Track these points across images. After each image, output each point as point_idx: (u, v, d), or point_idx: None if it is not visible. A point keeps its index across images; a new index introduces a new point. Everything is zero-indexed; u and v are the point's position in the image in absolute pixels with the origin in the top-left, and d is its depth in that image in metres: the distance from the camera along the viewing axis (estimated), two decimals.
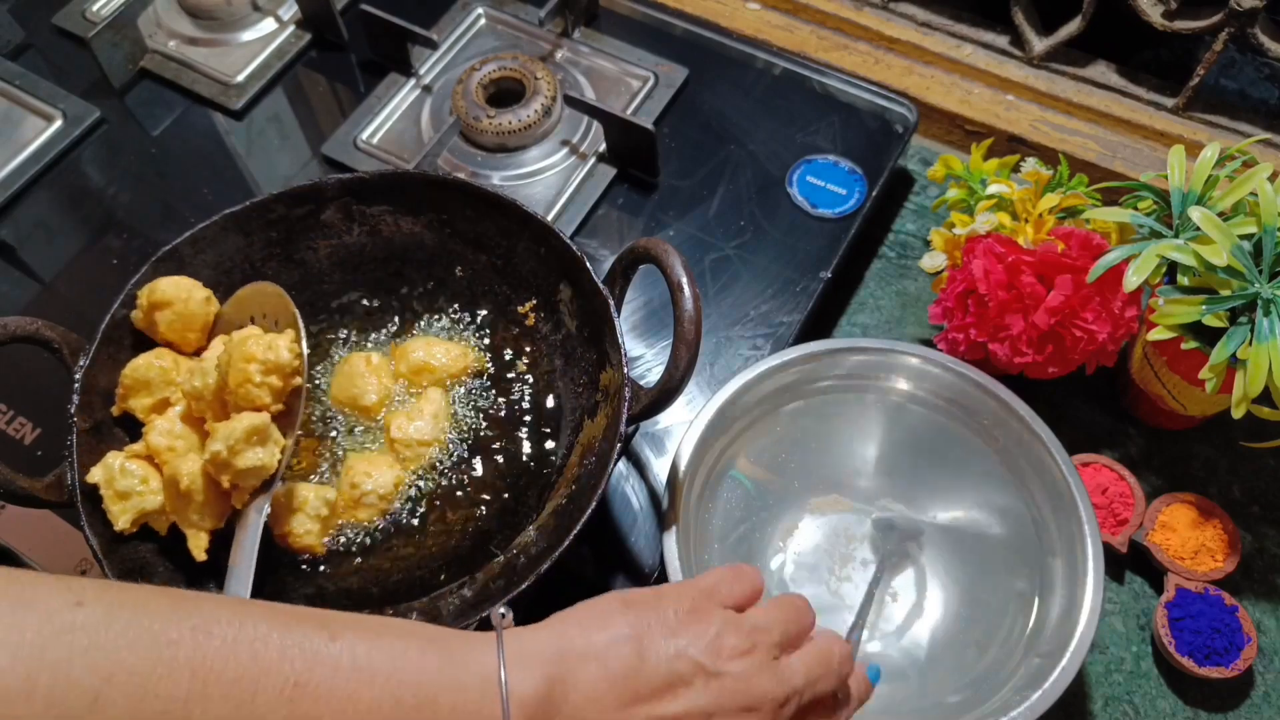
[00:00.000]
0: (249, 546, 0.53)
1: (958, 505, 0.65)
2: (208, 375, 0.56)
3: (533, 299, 0.65)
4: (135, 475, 0.55)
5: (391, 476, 0.59)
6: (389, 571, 0.58)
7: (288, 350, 0.55)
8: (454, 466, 0.61)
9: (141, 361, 0.58)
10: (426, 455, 0.61)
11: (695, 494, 0.61)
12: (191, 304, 0.60)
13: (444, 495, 0.60)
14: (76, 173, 0.81)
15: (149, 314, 0.59)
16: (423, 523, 0.60)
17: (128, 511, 0.54)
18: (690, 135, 0.80)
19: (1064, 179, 0.69)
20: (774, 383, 0.64)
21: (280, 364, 0.54)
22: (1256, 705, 0.62)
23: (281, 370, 0.55)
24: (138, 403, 0.58)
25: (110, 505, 0.54)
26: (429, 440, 0.61)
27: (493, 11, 0.87)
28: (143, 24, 0.85)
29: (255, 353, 0.54)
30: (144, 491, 0.55)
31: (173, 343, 0.61)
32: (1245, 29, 0.73)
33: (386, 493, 0.59)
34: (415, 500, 0.60)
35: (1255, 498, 0.69)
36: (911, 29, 0.87)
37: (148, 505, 0.55)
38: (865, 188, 0.77)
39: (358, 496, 0.58)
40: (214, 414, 0.56)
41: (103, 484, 0.55)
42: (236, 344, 0.55)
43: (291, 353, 0.55)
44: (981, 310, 0.64)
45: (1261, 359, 0.55)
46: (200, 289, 0.61)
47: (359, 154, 0.80)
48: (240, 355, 0.54)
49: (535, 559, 0.54)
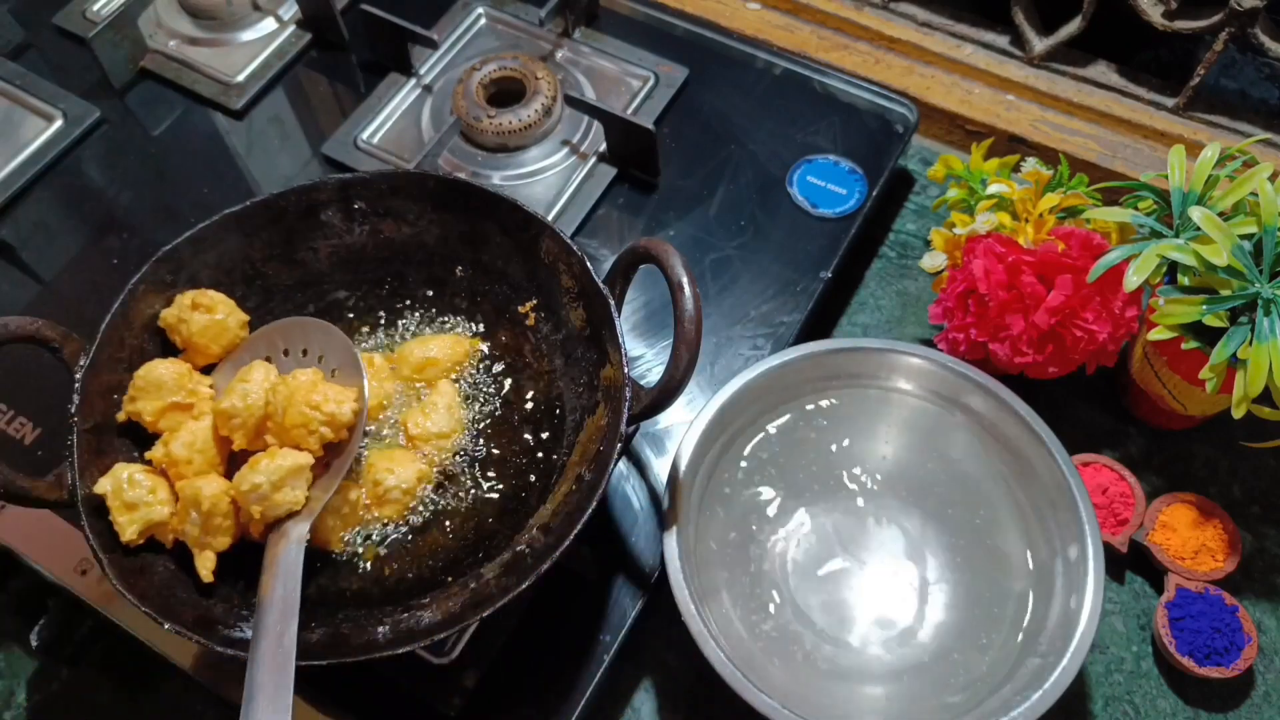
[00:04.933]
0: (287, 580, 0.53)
1: (958, 505, 0.65)
2: (250, 398, 0.56)
3: (533, 299, 0.65)
4: (143, 486, 0.55)
5: (414, 471, 0.59)
6: (390, 571, 0.58)
7: (350, 410, 0.57)
8: (457, 467, 0.61)
9: (157, 365, 0.58)
10: (449, 446, 0.61)
11: (695, 494, 0.61)
12: (231, 320, 0.61)
13: (445, 496, 0.60)
14: (77, 173, 0.81)
15: (187, 312, 0.59)
16: (424, 523, 0.60)
17: (135, 523, 0.54)
18: (690, 135, 0.80)
19: (1064, 179, 0.69)
20: (774, 383, 0.64)
21: (340, 421, 0.57)
22: (1257, 705, 0.62)
23: (337, 425, 0.57)
24: (147, 405, 0.58)
25: (117, 516, 0.54)
26: (448, 432, 0.61)
27: (493, 11, 0.87)
28: (143, 24, 0.85)
29: (320, 403, 0.56)
30: (152, 502, 0.55)
31: (192, 348, 0.61)
32: (1245, 29, 0.73)
33: (410, 487, 0.59)
34: (423, 500, 0.60)
35: (1255, 498, 0.69)
36: (912, 29, 0.87)
37: (155, 516, 0.55)
38: (866, 188, 0.77)
39: (381, 493, 0.58)
40: (246, 439, 0.57)
41: (110, 494, 0.55)
42: (301, 386, 0.56)
43: (354, 412, 0.57)
44: (982, 310, 0.64)
45: (1262, 359, 0.55)
46: (240, 312, 0.62)
47: (359, 154, 0.80)
48: (304, 399, 0.56)
49: (535, 559, 0.54)
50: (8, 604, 0.72)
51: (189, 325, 0.60)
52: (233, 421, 0.57)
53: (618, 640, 0.61)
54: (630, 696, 0.64)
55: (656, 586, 0.62)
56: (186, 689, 0.69)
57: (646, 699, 0.64)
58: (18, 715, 0.70)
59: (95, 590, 0.63)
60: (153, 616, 0.51)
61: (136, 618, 0.55)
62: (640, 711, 0.64)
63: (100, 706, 0.70)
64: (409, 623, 0.54)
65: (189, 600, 0.55)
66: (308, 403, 0.56)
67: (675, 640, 0.65)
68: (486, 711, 0.59)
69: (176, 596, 0.54)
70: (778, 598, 0.64)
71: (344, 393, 0.57)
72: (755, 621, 0.62)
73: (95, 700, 0.70)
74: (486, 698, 0.59)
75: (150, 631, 0.62)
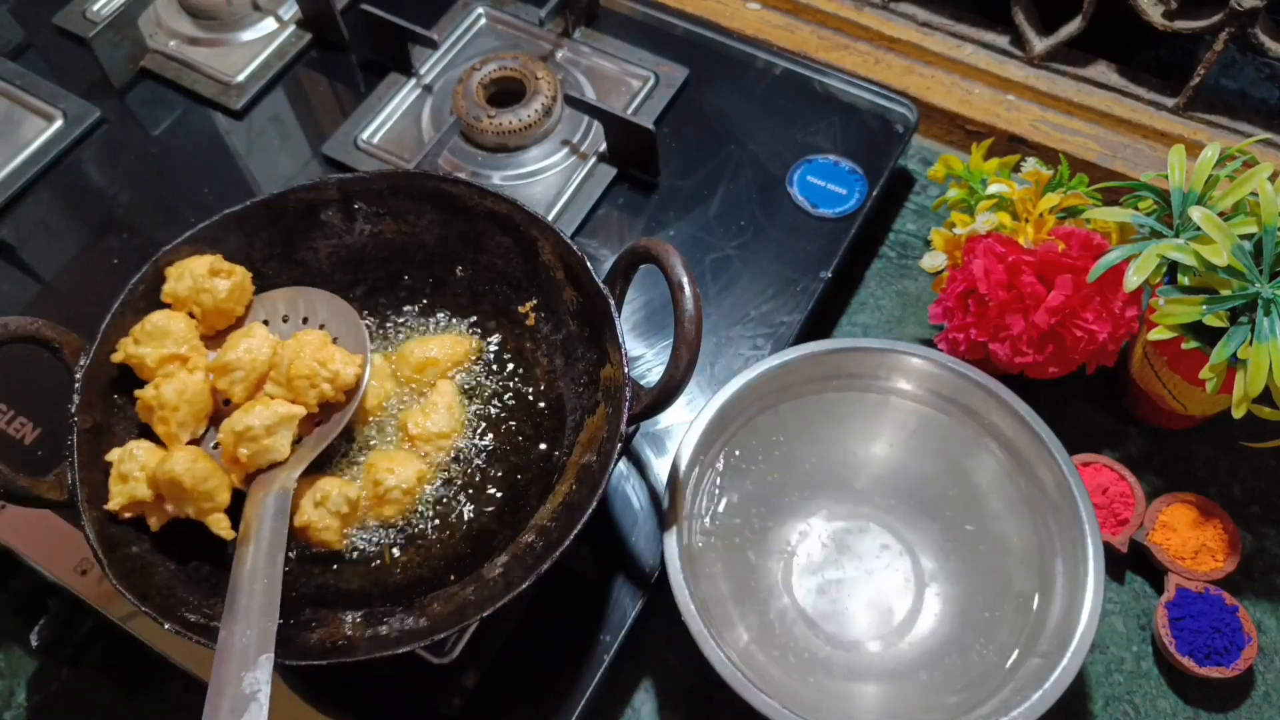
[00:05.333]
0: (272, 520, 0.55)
1: (958, 505, 0.65)
2: (253, 351, 0.58)
3: (533, 299, 0.65)
4: (137, 461, 0.56)
5: (414, 471, 0.59)
6: (391, 571, 0.58)
7: (354, 373, 0.59)
8: (457, 467, 0.61)
9: (167, 315, 0.59)
10: (449, 446, 0.61)
11: (695, 494, 0.61)
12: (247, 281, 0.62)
13: (445, 495, 0.60)
14: (77, 173, 0.81)
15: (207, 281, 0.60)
16: (424, 523, 0.60)
17: (120, 495, 0.55)
18: (691, 135, 0.80)
19: (1064, 179, 0.69)
20: (774, 383, 0.64)
21: (342, 381, 0.58)
22: (1257, 705, 0.62)
23: (339, 385, 0.58)
24: (147, 350, 0.58)
25: (112, 485, 0.56)
26: (448, 432, 0.61)
27: (493, 11, 0.87)
28: (143, 24, 0.85)
29: (326, 359, 0.58)
30: (140, 479, 0.56)
31: (212, 315, 0.61)
32: (1245, 29, 0.73)
33: (410, 487, 0.59)
34: (423, 500, 0.60)
35: (1255, 498, 0.69)
36: (912, 29, 0.87)
37: (137, 494, 0.55)
38: (866, 188, 0.77)
39: (381, 493, 0.59)
40: (246, 393, 0.58)
41: (115, 462, 0.56)
42: (310, 343, 0.58)
43: (356, 377, 0.59)
44: (982, 310, 0.64)
45: (1262, 359, 0.55)
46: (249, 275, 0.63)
47: (359, 154, 0.80)
48: (312, 354, 0.58)
49: (535, 559, 0.54)
50: (8, 604, 0.72)
51: (213, 293, 0.60)
52: (234, 375, 0.58)
53: (618, 640, 0.61)
54: (630, 696, 0.65)
55: (656, 586, 0.62)
56: (186, 689, 0.68)
57: (646, 699, 0.64)
58: (18, 715, 0.70)
59: (95, 590, 0.63)
60: (153, 616, 0.51)
61: (136, 618, 0.55)
62: (640, 711, 0.64)
63: (100, 706, 0.70)
64: (409, 622, 0.54)
65: (189, 600, 0.55)
66: (315, 358, 0.57)
67: (675, 640, 0.65)
68: (486, 711, 0.59)
69: (176, 596, 0.54)
70: (778, 597, 0.64)
71: (351, 356, 0.59)
72: (755, 621, 0.62)
73: (95, 700, 0.70)
74: (486, 698, 0.59)
75: (150, 631, 0.62)
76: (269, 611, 0.51)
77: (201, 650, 0.50)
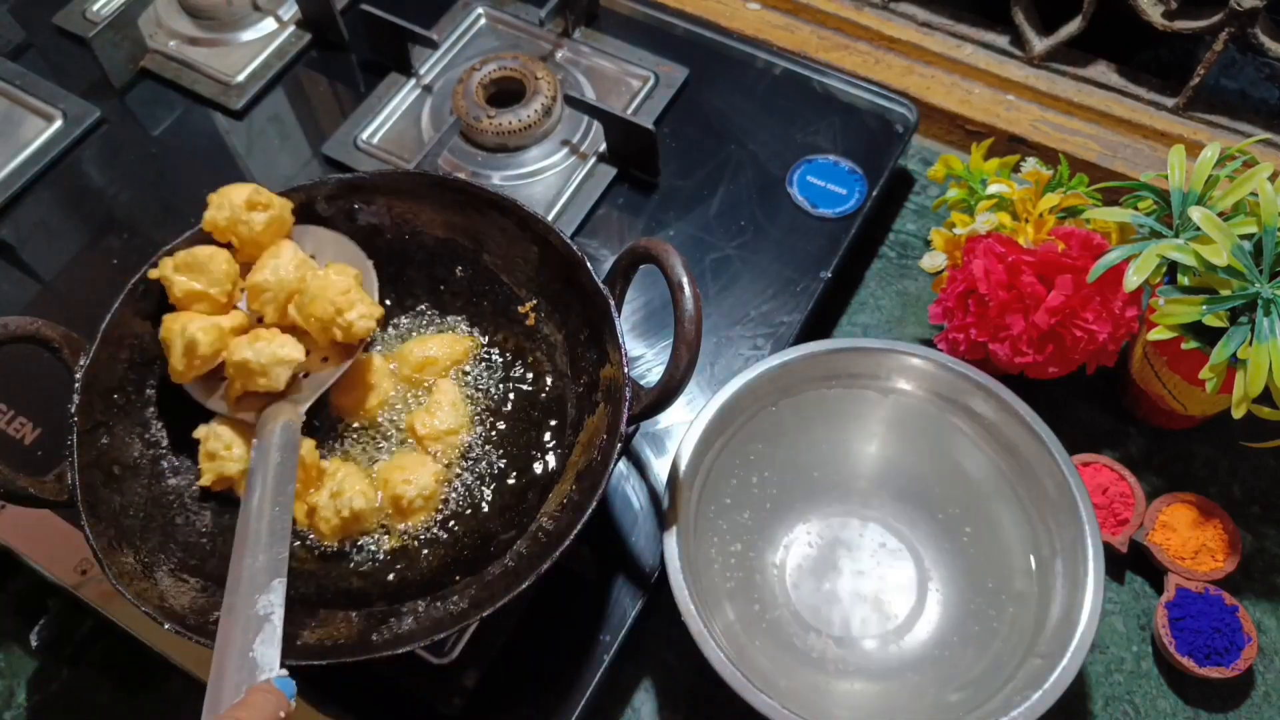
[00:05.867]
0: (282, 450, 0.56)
1: (958, 505, 0.65)
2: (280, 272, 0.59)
3: (533, 299, 0.65)
4: (222, 440, 0.58)
5: (430, 474, 0.59)
6: (390, 572, 0.58)
7: (368, 327, 0.59)
8: (464, 464, 0.61)
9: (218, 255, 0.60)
10: (457, 442, 0.61)
11: (695, 494, 0.61)
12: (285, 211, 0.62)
13: (447, 496, 0.60)
14: (77, 173, 0.81)
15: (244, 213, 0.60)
16: (426, 524, 0.60)
17: (210, 472, 0.58)
18: (690, 135, 0.80)
19: (1064, 179, 0.69)
20: (774, 383, 0.64)
21: (356, 332, 0.59)
22: (1257, 705, 0.62)
23: (352, 335, 0.59)
24: (181, 279, 0.59)
25: (202, 462, 0.58)
26: (455, 428, 0.61)
27: (493, 11, 0.87)
28: (143, 24, 0.85)
29: (345, 306, 0.58)
30: (226, 457, 0.58)
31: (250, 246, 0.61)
32: (1245, 29, 0.73)
33: (431, 492, 0.59)
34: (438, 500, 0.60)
35: (1255, 498, 0.69)
36: (912, 29, 0.87)
37: (227, 470, 0.58)
38: (865, 188, 0.77)
39: (405, 506, 0.58)
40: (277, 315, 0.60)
41: (203, 440, 0.59)
42: (334, 284, 0.58)
43: (367, 330, 0.59)
44: (982, 310, 0.64)
45: (1262, 359, 0.55)
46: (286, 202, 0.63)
47: (359, 154, 0.80)
48: (333, 297, 0.58)
49: (535, 559, 0.54)
50: (8, 604, 0.72)
51: (250, 225, 0.60)
52: (264, 295, 0.60)
53: (618, 640, 0.61)
54: (630, 696, 0.65)
55: (656, 586, 0.62)
56: (186, 689, 0.69)
57: (646, 699, 0.64)
58: (18, 715, 0.70)
59: (95, 590, 0.63)
60: (153, 616, 0.51)
61: (136, 618, 0.55)
62: (640, 711, 0.64)
63: (100, 706, 0.70)
64: (409, 623, 0.54)
65: (189, 600, 0.55)
66: (335, 301, 0.58)
67: (675, 640, 0.65)
68: (486, 711, 0.59)
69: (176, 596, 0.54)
70: (778, 597, 0.64)
71: (373, 308, 0.59)
72: (755, 621, 0.62)
73: (95, 700, 0.70)
74: (486, 698, 0.59)
75: (150, 631, 0.62)
76: (280, 538, 0.51)
77: (201, 650, 0.50)
